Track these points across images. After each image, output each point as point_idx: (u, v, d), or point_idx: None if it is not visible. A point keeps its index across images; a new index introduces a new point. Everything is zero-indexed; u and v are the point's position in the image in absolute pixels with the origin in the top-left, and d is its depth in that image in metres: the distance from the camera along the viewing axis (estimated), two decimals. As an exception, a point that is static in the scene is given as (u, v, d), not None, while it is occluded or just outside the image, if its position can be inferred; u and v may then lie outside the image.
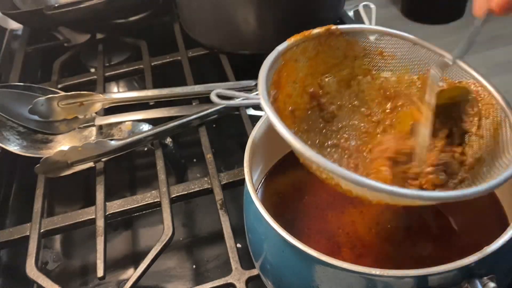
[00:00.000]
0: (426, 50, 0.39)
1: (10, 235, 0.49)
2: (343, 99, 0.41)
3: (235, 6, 0.64)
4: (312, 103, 0.40)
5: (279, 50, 0.36)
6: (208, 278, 0.50)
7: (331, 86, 0.40)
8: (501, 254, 0.31)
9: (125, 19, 0.78)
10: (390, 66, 0.41)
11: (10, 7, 0.74)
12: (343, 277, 0.31)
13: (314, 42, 0.38)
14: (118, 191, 0.58)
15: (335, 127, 0.41)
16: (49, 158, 0.50)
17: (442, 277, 0.30)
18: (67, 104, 0.58)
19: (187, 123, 0.55)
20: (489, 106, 0.37)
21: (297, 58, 0.38)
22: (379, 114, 0.41)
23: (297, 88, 0.38)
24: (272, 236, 0.34)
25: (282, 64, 0.36)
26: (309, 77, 0.39)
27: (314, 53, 0.38)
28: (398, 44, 0.40)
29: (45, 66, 0.77)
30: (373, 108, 0.41)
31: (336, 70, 0.40)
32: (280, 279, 0.36)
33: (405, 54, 0.40)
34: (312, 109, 0.40)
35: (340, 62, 0.40)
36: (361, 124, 0.41)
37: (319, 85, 0.40)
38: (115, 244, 0.55)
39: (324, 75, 0.40)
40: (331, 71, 0.40)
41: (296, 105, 0.38)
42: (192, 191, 0.51)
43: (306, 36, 0.37)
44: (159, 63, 0.70)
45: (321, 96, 0.40)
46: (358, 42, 0.40)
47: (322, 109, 0.40)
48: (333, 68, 0.40)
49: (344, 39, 0.39)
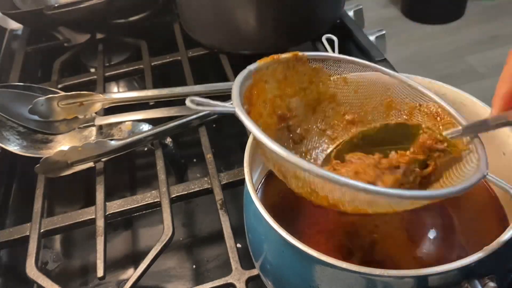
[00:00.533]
0: (390, 78, 0.41)
1: (10, 235, 0.49)
2: (309, 123, 0.43)
3: (235, 6, 0.64)
4: (281, 124, 0.41)
5: (250, 69, 0.37)
6: (208, 278, 0.50)
7: (298, 110, 0.42)
8: (501, 254, 0.31)
9: (125, 19, 0.78)
10: (354, 93, 0.42)
11: (10, 7, 0.74)
12: (343, 277, 0.31)
13: (282, 65, 0.39)
14: (118, 191, 0.59)
15: (304, 148, 0.42)
16: (49, 158, 0.50)
17: (442, 277, 0.30)
18: (67, 104, 0.58)
19: (187, 123, 0.55)
20: (449, 124, 0.38)
21: (266, 79, 0.39)
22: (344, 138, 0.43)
23: (267, 108, 0.40)
24: (272, 236, 0.34)
25: (252, 83, 0.37)
26: (278, 99, 0.40)
27: (282, 76, 0.40)
28: (363, 71, 0.42)
29: (45, 66, 0.77)
30: (338, 132, 0.43)
31: (303, 95, 0.42)
32: (280, 279, 0.36)
33: (368, 82, 0.42)
34: (281, 130, 0.41)
35: (306, 87, 0.41)
36: (329, 146, 0.43)
37: (287, 107, 0.41)
38: (115, 244, 0.55)
39: (292, 98, 0.41)
40: (298, 95, 0.41)
41: (266, 125, 0.39)
42: (192, 191, 0.51)
43: (275, 60, 0.39)
44: (159, 63, 0.70)
45: (289, 119, 0.41)
46: (324, 69, 0.41)
47: (290, 131, 0.42)
48: (300, 92, 0.41)
49: (310, 66, 0.41)
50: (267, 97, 0.39)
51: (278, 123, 0.41)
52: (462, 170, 0.35)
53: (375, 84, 0.41)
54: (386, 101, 0.42)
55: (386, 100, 0.42)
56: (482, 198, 0.41)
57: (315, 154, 0.43)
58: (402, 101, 0.41)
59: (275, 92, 0.40)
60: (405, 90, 0.41)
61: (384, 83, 0.41)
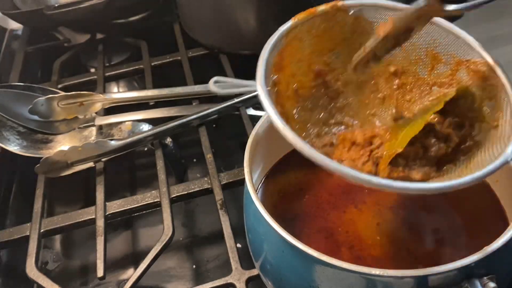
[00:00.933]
0: (437, 27, 0.38)
1: (10, 235, 0.49)
2: (349, 75, 0.40)
3: (235, 6, 0.64)
4: (317, 80, 0.39)
5: (282, 31, 0.35)
6: (208, 278, 0.50)
7: (337, 62, 0.40)
8: (501, 254, 0.31)
9: (125, 19, 0.78)
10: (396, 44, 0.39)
11: (10, 7, 0.74)
12: (343, 277, 0.31)
13: (320, 19, 0.37)
14: (118, 191, 0.58)
15: (340, 103, 0.41)
16: (49, 158, 0.50)
17: (442, 277, 0.30)
18: (67, 104, 0.58)
19: (187, 123, 0.55)
20: (493, 87, 0.36)
21: (301, 37, 0.37)
22: (385, 90, 0.41)
23: (302, 66, 0.38)
24: (272, 236, 0.34)
25: (284, 45, 0.36)
26: (314, 54, 0.38)
27: (320, 30, 0.38)
28: None
29: (45, 66, 0.77)
30: (380, 84, 0.41)
31: (343, 46, 0.39)
32: (280, 279, 0.36)
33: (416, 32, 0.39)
34: (317, 87, 0.39)
35: (348, 37, 0.39)
36: (366, 100, 0.41)
37: (325, 62, 0.39)
38: (115, 244, 0.55)
39: (331, 52, 0.39)
40: (338, 48, 0.39)
41: (301, 84, 0.38)
42: (192, 191, 0.51)
43: (312, 14, 0.37)
44: (159, 63, 0.70)
45: (326, 73, 0.39)
46: (367, 18, 0.39)
47: (327, 86, 0.40)
48: (340, 44, 0.39)
49: (351, 15, 0.39)
50: (302, 54, 0.37)
51: (315, 80, 0.39)
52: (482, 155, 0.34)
53: (420, 33, 0.39)
54: (431, 52, 0.39)
55: (432, 51, 0.39)
56: (482, 198, 0.41)
57: (353, 110, 0.40)
58: (448, 54, 0.38)
59: (312, 48, 0.38)
60: (453, 42, 0.38)
61: (430, 33, 0.38)
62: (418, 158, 0.36)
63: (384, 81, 0.41)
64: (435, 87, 0.39)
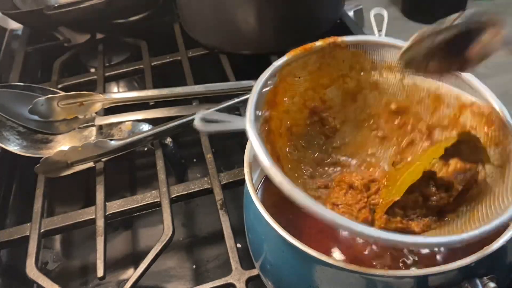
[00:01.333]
0: None
1: (10, 235, 0.49)
2: (347, 113, 0.39)
3: (235, 6, 0.64)
4: (313, 118, 0.38)
5: (276, 66, 0.34)
6: (208, 278, 0.50)
7: (334, 100, 0.38)
8: (501, 254, 0.31)
9: (125, 19, 0.78)
10: (399, 82, 0.38)
11: (10, 7, 0.74)
12: (343, 277, 0.31)
13: (316, 55, 0.36)
14: (118, 191, 0.58)
15: (337, 143, 0.39)
16: (49, 158, 0.50)
17: (442, 277, 0.30)
18: (67, 104, 0.58)
19: (187, 123, 0.55)
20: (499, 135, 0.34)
21: (296, 73, 0.36)
22: (385, 129, 0.39)
23: (296, 103, 0.37)
24: (272, 236, 0.34)
25: (278, 81, 0.34)
26: (310, 91, 0.37)
27: (316, 66, 0.37)
28: None
29: (45, 66, 0.77)
30: (380, 123, 0.39)
31: (341, 82, 0.38)
32: (280, 279, 0.36)
33: None
34: (312, 124, 0.38)
35: (345, 74, 0.38)
36: (365, 140, 0.39)
37: (321, 99, 0.38)
38: (115, 244, 0.55)
39: (328, 88, 0.38)
40: (335, 84, 0.38)
41: (295, 121, 0.37)
42: (192, 191, 0.51)
43: (307, 50, 0.36)
44: (159, 63, 0.70)
45: (323, 111, 0.38)
46: (365, 54, 0.38)
47: (323, 124, 0.39)
48: (338, 80, 0.38)
49: (350, 51, 0.37)
50: (297, 91, 0.36)
51: (310, 117, 0.38)
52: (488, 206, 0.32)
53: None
54: (434, 94, 0.37)
55: (434, 93, 0.37)
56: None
57: (350, 150, 0.39)
58: (451, 95, 0.36)
59: (306, 84, 0.37)
60: (457, 84, 0.36)
61: None
62: (418, 207, 0.34)
63: (384, 121, 0.39)
64: (437, 130, 0.38)
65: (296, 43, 0.69)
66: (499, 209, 0.31)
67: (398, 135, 0.39)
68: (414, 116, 0.38)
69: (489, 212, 0.31)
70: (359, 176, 0.37)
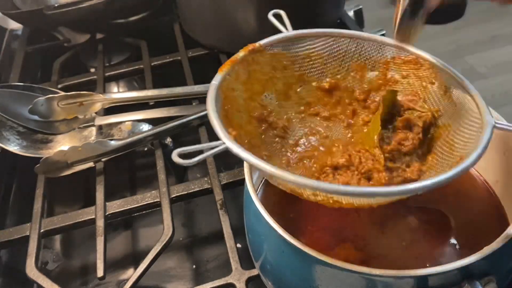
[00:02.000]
0: (349, 40, 0.40)
1: (10, 235, 0.49)
2: (288, 111, 0.41)
3: (235, 6, 0.64)
4: (262, 126, 0.40)
5: (216, 84, 0.35)
6: (208, 278, 0.50)
7: (272, 103, 0.40)
8: (501, 254, 0.31)
9: (125, 19, 0.78)
10: (321, 66, 0.41)
11: (10, 7, 0.74)
12: (343, 277, 0.31)
13: (242, 65, 0.38)
14: (118, 191, 0.58)
15: (292, 140, 0.41)
16: (49, 158, 0.50)
17: (442, 277, 0.30)
18: (67, 104, 0.58)
19: (187, 123, 0.55)
20: (431, 71, 0.38)
21: (233, 87, 0.37)
22: (327, 111, 0.42)
23: (243, 116, 0.38)
24: (272, 236, 0.34)
25: (222, 99, 0.36)
26: (248, 101, 0.39)
27: (246, 75, 0.38)
28: (321, 42, 0.40)
29: (45, 66, 0.77)
30: (320, 108, 0.42)
31: (271, 85, 0.40)
32: (280, 279, 0.36)
33: (330, 49, 0.41)
34: (265, 132, 0.40)
35: (272, 76, 0.40)
36: (315, 126, 0.42)
37: (261, 105, 0.40)
38: (115, 244, 0.55)
39: (262, 94, 0.40)
40: (267, 88, 0.40)
41: (250, 134, 0.38)
42: (192, 191, 0.51)
43: (233, 62, 0.37)
44: (159, 63, 0.70)
45: (267, 116, 0.40)
46: (283, 52, 0.40)
47: (273, 128, 0.40)
48: (268, 84, 0.40)
49: (268, 53, 0.39)
50: (239, 104, 0.38)
51: (259, 126, 0.39)
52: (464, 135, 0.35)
53: (340, 49, 0.40)
54: (356, 63, 0.41)
55: (356, 62, 0.41)
56: (482, 198, 0.41)
57: (304, 140, 0.41)
58: (371, 58, 0.40)
59: (244, 95, 0.38)
60: (373, 47, 0.40)
61: (345, 48, 0.40)
62: (402, 155, 0.37)
63: (323, 104, 0.42)
64: (372, 93, 0.41)
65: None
66: (472, 130, 0.34)
67: (340, 111, 0.42)
68: (346, 90, 0.41)
69: (461, 138, 0.35)
70: (337, 157, 0.38)
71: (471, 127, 0.35)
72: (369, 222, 0.39)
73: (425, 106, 0.39)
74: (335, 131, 0.42)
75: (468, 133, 0.35)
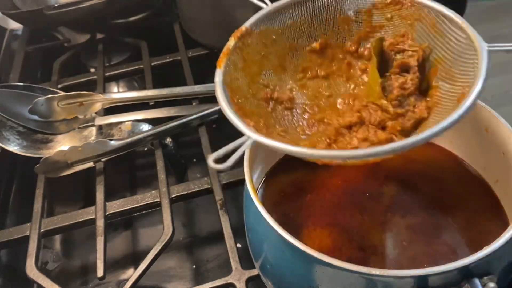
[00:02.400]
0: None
1: (10, 235, 0.49)
2: (287, 83, 0.42)
3: (235, 6, 0.64)
4: (270, 104, 0.40)
5: (219, 81, 0.36)
6: (208, 278, 0.50)
7: (272, 79, 0.41)
8: (501, 254, 0.31)
9: (125, 19, 0.78)
10: (307, 30, 0.42)
11: (10, 7, 0.74)
12: (343, 277, 0.31)
13: (236, 52, 0.39)
14: (118, 191, 0.58)
15: (300, 108, 0.42)
16: (49, 158, 0.50)
17: (442, 277, 0.30)
18: (67, 104, 0.58)
19: (187, 123, 0.55)
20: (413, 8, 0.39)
21: (235, 77, 0.38)
22: (324, 70, 0.42)
23: (252, 101, 0.39)
24: (272, 236, 0.34)
25: (229, 92, 0.36)
26: (251, 84, 0.39)
27: (242, 62, 0.39)
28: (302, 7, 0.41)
29: (45, 66, 0.77)
30: (316, 70, 0.42)
31: (266, 63, 0.41)
32: (280, 279, 0.36)
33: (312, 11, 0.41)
34: (274, 109, 0.40)
35: (265, 53, 0.41)
36: (317, 89, 0.42)
37: (263, 85, 0.40)
38: (115, 244, 0.55)
39: (260, 74, 0.40)
40: (263, 67, 0.40)
41: (263, 116, 0.39)
42: (192, 191, 0.51)
43: (227, 53, 0.38)
44: (159, 63, 0.70)
45: (271, 93, 0.41)
46: (270, 26, 0.41)
47: (280, 102, 0.41)
48: (263, 62, 0.40)
49: (256, 32, 0.40)
50: (245, 91, 0.38)
51: (268, 105, 0.40)
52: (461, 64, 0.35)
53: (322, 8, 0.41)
54: (340, 18, 0.41)
55: (340, 17, 0.41)
56: (482, 198, 0.41)
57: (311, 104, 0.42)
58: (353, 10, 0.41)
59: (246, 80, 0.39)
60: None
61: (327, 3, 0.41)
62: (407, 98, 0.38)
63: (317, 64, 0.43)
64: (362, 43, 0.42)
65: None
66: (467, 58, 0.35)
67: (336, 68, 0.42)
68: (336, 46, 0.42)
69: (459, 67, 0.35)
70: (348, 116, 0.39)
71: (466, 55, 0.35)
72: (369, 222, 0.39)
73: (414, 44, 0.39)
74: (337, 88, 0.42)
75: (464, 61, 0.35)
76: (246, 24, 0.39)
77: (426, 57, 0.39)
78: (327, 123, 0.40)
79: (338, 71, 0.42)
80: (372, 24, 0.41)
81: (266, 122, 0.38)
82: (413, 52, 0.39)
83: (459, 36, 0.35)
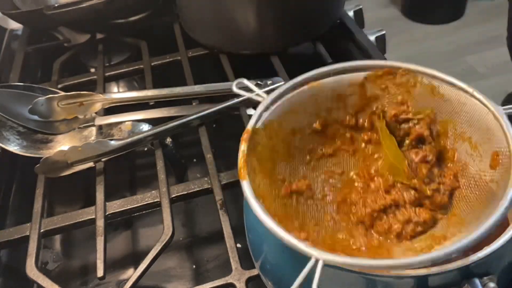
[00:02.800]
0: None
1: (10, 235, 0.49)
2: (299, 168, 0.42)
3: (235, 6, 0.64)
4: (293, 199, 0.39)
5: (251, 194, 0.33)
6: (208, 278, 0.50)
7: (285, 170, 0.40)
8: (501, 254, 0.31)
9: (125, 19, 0.77)
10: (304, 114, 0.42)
11: (10, 7, 0.74)
12: (343, 277, 0.31)
13: (251, 155, 0.37)
14: (118, 191, 0.59)
15: (320, 194, 0.41)
16: (49, 158, 0.50)
17: (442, 277, 0.30)
18: (67, 104, 0.58)
19: (187, 123, 0.55)
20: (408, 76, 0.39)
21: (258, 183, 0.36)
22: (327, 147, 0.43)
23: (278, 201, 0.38)
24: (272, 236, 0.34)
25: (259, 199, 0.34)
26: (272, 184, 0.38)
27: (257, 164, 0.37)
28: (296, 94, 0.40)
29: (45, 66, 0.77)
30: (319, 148, 0.43)
31: (275, 156, 0.40)
32: (280, 279, 0.36)
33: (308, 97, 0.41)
34: (298, 202, 0.40)
35: (272, 147, 0.40)
36: (328, 168, 0.43)
37: (280, 180, 0.40)
38: (115, 244, 0.55)
39: (275, 169, 0.40)
40: (275, 160, 0.40)
41: (293, 216, 0.38)
42: (192, 191, 0.51)
43: (245, 161, 0.36)
44: (159, 63, 0.70)
45: (290, 186, 0.40)
46: (270, 119, 0.40)
47: (301, 193, 0.40)
48: (273, 157, 0.40)
49: (261, 128, 0.39)
50: (271, 194, 0.37)
51: (291, 200, 0.39)
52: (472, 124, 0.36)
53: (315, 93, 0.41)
54: (336, 95, 0.41)
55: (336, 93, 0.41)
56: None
57: (327, 187, 0.42)
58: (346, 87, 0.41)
59: (267, 182, 0.38)
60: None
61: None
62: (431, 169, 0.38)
63: (321, 145, 0.43)
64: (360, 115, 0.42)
65: (295, 43, 0.69)
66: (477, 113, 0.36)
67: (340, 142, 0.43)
68: (336, 122, 0.42)
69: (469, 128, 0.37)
70: (376, 196, 0.39)
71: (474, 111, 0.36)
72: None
73: (418, 112, 0.39)
74: (345, 164, 0.43)
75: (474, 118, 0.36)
76: (250, 125, 0.38)
77: (433, 121, 0.39)
78: (349, 201, 0.40)
79: (343, 145, 0.43)
80: (367, 96, 0.41)
81: (299, 221, 0.38)
82: (419, 120, 0.39)
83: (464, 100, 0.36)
